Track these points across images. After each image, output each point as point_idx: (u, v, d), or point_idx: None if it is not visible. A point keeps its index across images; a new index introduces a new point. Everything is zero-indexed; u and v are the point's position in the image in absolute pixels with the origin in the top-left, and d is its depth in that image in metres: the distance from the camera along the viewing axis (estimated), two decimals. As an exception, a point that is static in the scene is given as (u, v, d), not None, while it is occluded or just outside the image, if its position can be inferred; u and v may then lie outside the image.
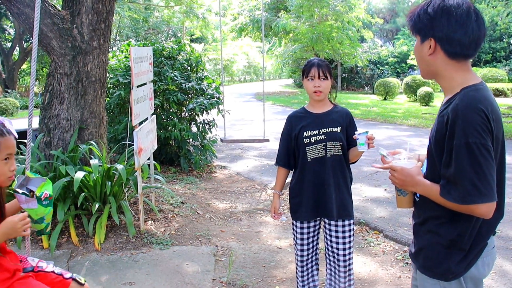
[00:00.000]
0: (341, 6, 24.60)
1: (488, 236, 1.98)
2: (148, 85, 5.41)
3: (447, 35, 1.89)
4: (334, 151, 3.21)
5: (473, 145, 1.78)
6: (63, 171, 4.70)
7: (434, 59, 1.96)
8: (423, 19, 1.94)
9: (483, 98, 1.85)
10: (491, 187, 1.80)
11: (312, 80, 3.21)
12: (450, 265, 1.97)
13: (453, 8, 1.87)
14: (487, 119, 1.79)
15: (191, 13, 27.57)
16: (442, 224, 1.99)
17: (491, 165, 1.80)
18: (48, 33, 5.15)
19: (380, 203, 6.36)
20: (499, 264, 4.47)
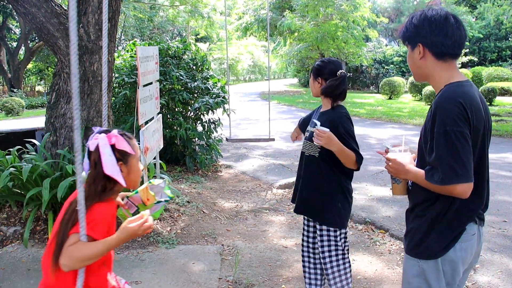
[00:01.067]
0: (346, 5, 24.55)
1: (467, 222, 2.16)
2: (154, 85, 5.42)
3: (431, 39, 2.15)
4: (311, 151, 3.27)
5: (451, 132, 2.00)
6: (70, 171, 4.71)
7: (425, 62, 2.21)
8: (410, 30, 2.22)
9: (462, 93, 2.07)
10: (467, 169, 2.00)
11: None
12: (429, 244, 2.18)
13: (432, 17, 2.15)
14: (465, 110, 2.01)
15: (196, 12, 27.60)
16: (426, 207, 2.21)
17: (467, 150, 2.01)
18: (54, 32, 5.17)
19: (386, 202, 6.36)
20: (505, 263, 4.46)
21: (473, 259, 2.29)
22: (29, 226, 4.66)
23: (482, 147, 2.14)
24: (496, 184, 7.29)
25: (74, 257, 1.98)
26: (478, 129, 2.08)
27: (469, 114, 2.02)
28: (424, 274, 2.23)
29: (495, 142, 11.38)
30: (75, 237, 1.99)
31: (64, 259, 1.97)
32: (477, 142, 2.09)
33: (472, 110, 2.03)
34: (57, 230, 2.07)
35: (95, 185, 2.10)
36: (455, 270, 2.18)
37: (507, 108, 18.40)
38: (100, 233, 2.04)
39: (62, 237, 2.02)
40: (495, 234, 5.21)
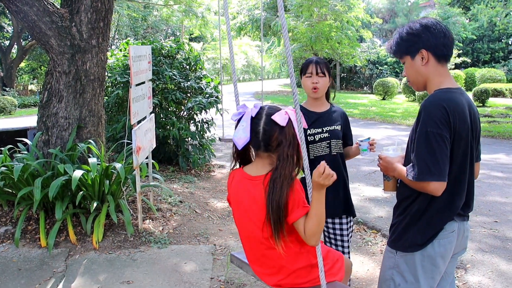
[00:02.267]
0: (341, 5, 24.56)
1: (446, 221, 2.27)
2: (147, 84, 5.41)
3: (433, 42, 2.27)
4: (337, 149, 3.26)
5: (430, 134, 2.13)
6: (62, 170, 4.69)
7: (427, 68, 2.31)
8: (408, 39, 2.33)
9: (447, 98, 2.19)
10: (441, 169, 2.13)
11: (310, 77, 3.24)
12: (408, 237, 2.31)
13: (426, 23, 2.30)
14: (447, 115, 2.13)
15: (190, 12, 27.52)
16: (409, 204, 2.34)
17: (444, 152, 2.14)
18: (46, 31, 5.14)
19: (378, 203, 6.37)
20: (496, 264, 4.48)
21: (457, 251, 2.43)
22: (20, 226, 4.64)
23: (465, 152, 2.24)
24: (488, 185, 7.33)
25: (318, 232, 2.15)
26: (461, 135, 2.19)
27: (451, 119, 2.14)
28: (398, 267, 2.37)
29: (487, 143, 11.44)
30: (302, 220, 2.16)
31: (313, 241, 2.15)
32: (460, 146, 2.21)
33: (455, 115, 2.16)
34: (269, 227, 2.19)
35: (292, 159, 2.19)
36: (434, 265, 2.30)
37: (500, 109, 18.49)
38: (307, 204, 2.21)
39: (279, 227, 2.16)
40: (486, 234, 5.23)
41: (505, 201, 6.48)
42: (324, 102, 3.36)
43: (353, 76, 35.39)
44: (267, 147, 2.23)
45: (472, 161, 2.31)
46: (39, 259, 4.44)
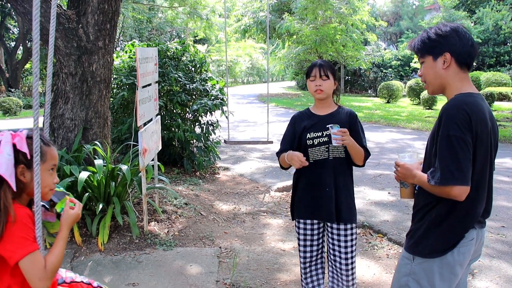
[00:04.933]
0: (345, 8, 24.55)
1: (468, 228, 2.24)
2: (153, 86, 5.40)
3: (459, 48, 2.24)
4: (337, 153, 3.20)
5: (452, 137, 2.10)
6: (67, 171, 4.68)
7: (447, 72, 2.28)
8: (434, 40, 2.29)
9: (469, 102, 2.16)
10: (464, 173, 2.09)
11: (313, 80, 3.22)
12: (427, 243, 2.27)
13: (457, 28, 2.28)
14: (469, 118, 2.10)
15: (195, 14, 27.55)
16: (429, 210, 2.30)
17: (467, 156, 2.10)
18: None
19: (384, 206, 6.34)
20: (504, 269, 4.45)
21: (473, 258, 2.39)
22: (26, 227, 4.64)
23: (486, 157, 2.22)
24: (494, 189, 7.22)
25: (53, 272, 1.98)
26: (482, 139, 2.16)
27: (473, 123, 2.11)
28: (414, 274, 2.32)
29: (493, 147, 11.39)
30: (32, 257, 1.91)
31: (42, 282, 1.93)
32: (481, 151, 2.18)
33: (476, 120, 2.12)
34: None
35: None
36: (452, 273, 2.27)
37: (505, 113, 18.42)
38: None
39: None
40: (493, 239, 5.20)
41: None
42: (330, 104, 3.33)
43: (357, 79, 35.37)
44: None
45: (491, 167, 2.28)
46: (45, 261, 4.43)
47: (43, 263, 1.94)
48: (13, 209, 1.93)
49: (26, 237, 1.92)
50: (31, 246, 1.91)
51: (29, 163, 1.99)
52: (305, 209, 3.31)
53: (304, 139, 3.22)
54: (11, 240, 1.90)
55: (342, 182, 3.24)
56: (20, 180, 2.00)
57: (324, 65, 3.22)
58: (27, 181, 2.02)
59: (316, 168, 3.22)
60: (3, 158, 1.93)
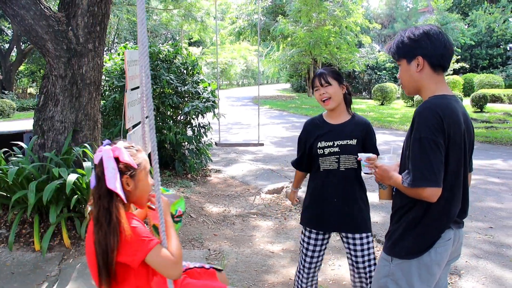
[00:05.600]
0: (339, 11, 24.66)
1: (444, 229, 2.27)
2: (143, 88, 5.41)
3: (431, 51, 2.27)
4: (349, 164, 3.16)
5: (424, 140, 2.13)
6: (56, 174, 4.69)
7: (421, 75, 2.31)
8: (407, 44, 2.32)
9: (442, 104, 2.19)
10: (435, 175, 2.12)
11: (317, 90, 3.19)
12: (404, 245, 2.30)
13: (429, 31, 2.29)
14: (441, 121, 2.13)
15: (189, 16, 27.62)
16: (406, 211, 2.33)
17: (438, 158, 2.13)
18: (43, 35, 5.15)
19: (373, 208, 6.34)
20: (490, 270, 4.48)
21: (451, 258, 2.44)
22: (14, 229, 4.63)
23: (459, 158, 2.23)
24: (484, 191, 7.33)
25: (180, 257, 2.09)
26: (455, 141, 2.18)
27: (445, 125, 2.14)
28: (393, 275, 2.34)
29: (485, 149, 11.46)
30: (156, 250, 2.02)
31: (174, 269, 2.05)
32: (454, 152, 2.20)
33: (449, 122, 2.15)
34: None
35: (101, 202, 2.03)
36: (430, 273, 2.28)
37: (498, 115, 18.51)
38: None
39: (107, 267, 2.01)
40: (481, 240, 5.23)
41: (501, 207, 6.49)
42: (343, 112, 3.25)
43: (351, 81, 35.46)
44: None
45: (466, 168, 2.30)
46: (33, 263, 4.43)
47: (168, 252, 2.04)
48: (126, 220, 2.03)
49: (143, 237, 2.02)
50: (151, 242, 2.02)
51: (131, 173, 2.11)
52: (311, 218, 3.30)
53: (315, 148, 3.19)
54: (130, 247, 2.00)
55: (352, 193, 3.21)
56: (126, 190, 2.11)
57: (323, 72, 3.18)
58: (131, 190, 2.13)
59: (326, 178, 3.21)
60: (109, 173, 2.02)
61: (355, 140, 3.16)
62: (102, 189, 2.03)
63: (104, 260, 1.99)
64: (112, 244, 1.97)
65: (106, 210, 2.01)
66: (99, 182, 2.04)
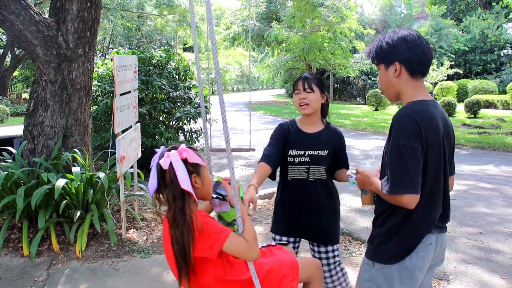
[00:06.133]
0: (334, 16, 24.71)
1: (424, 234, 2.26)
2: (132, 93, 5.41)
3: (408, 57, 2.25)
4: (318, 175, 3.14)
5: (402, 146, 2.12)
6: (45, 178, 4.68)
7: (399, 80, 2.30)
8: (385, 49, 2.31)
9: (419, 110, 2.18)
10: (413, 182, 2.11)
11: (298, 93, 3.13)
12: (386, 250, 2.30)
13: (407, 36, 2.27)
14: (419, 127, 2.12)
15: (184, 22, 27.64)
16: (386, 217, 2.33)
17: (416, 164, 2.12)
18: (33, 40, 5.16)
19: (363, 214, 6.38)
20: (478, 275, 4.48)
21: (434, 263, 2.43)
22: (3, 234, 4.61)
23: (439, 164, 2.23)
24: (475, 196, 7.35)
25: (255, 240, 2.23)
26: (433, 146, 2.18)
27: (423, 131, 2.13)
28: (375, 279, 2.35)
29: (477, 154, 11.50)
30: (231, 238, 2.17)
31: (252, 252, 2.21)
32: (433, 158, 2.19)
33: (427, 127, 2.14)
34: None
35: (176, 204, 2.15)
36: (412, 277, 2.29)
37: (491, 120, 18.58)
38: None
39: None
40: (470, 245, 5.24)
41: (491, 212, 6.50)
42: (317, 122, 3.21)
43: (346, 87, 35.57)
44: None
45: (446, 173, 2.29)
46: (21, 268, 4.41)
47: (241, 239, 2.20)
48: (199, 217, 2.16)
49: (217, 230, 2.17)
50: (225, 232, 2.17)
51: (198, 171, 2.25)
52: (280, 225, 3.28)
53: (286, 155, 3.15)
54: (206, 241, 2.16)
55: (321, 204, 3.19)
56: (195, 187, 2.22)
57: (309, 77, 3.11)
58: (199, 187, 2.26)
59: (294, 187, 3.17)
60: (181, 175, 2.14)
61: (327, 151, 3.14)
62: (176, 191, 2.15)
63: (182, 257, 2.14)
64: (188, 241, 2.12)
65: (180, 210, 2.14)
66: (172, 185, 2.14)
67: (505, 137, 13.88)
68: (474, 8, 36.11)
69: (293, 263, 2.57)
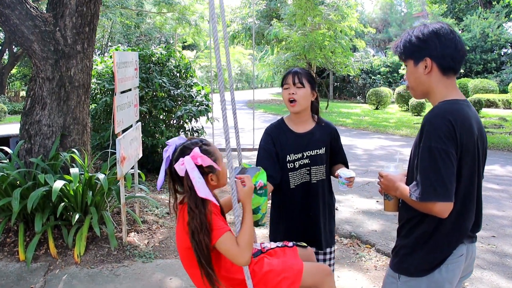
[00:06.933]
0: (334, 15, 24.53)
1: (456, 245, 2.08)
2: (133, 91, 5.22)
3: (441, 52, 2.06)
4: (319, 176, 2.94)
5: (435, 149, 1.94)
6: (42, 180, 4.48)
7: (429, 78, 2.10)
8: (414, 44, 2.12)
9: (454, 110, 1.99)
10: (447, 188, 1.93)
11: (287, 88, 2.90)
12: (413, 262, 2.12)
13: (439, 30, 2.08)
14: (453, 128, 1.94)
15: (183, 20, 27.46)
16: (414, 226, 2.14)
17: (450, 169, 1.93)
18: (29, 35, 4.96)
19: (372, 216, 6.19)
20: (495, 281, 4.30)
21: (464, 274, 2.24)
22: (-2, 238, 4.43)
23: (473, 168, 2.05)
24: (484, 198, 7.13)
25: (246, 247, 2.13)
26: (468, 150, 2.00)
27: (457, 133, 1.95)
28: None
29: (481, 154, 11.32)
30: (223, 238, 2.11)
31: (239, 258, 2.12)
32: (467, 162, 2.02)
33: (462, 130, 1.97)
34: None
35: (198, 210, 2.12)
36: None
37: (493, 120, 18.42)
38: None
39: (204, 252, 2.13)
40: (484, 250, 5.06)
41: (502, 215, 6.33)
42: (308, 119, 2.99)
43: (346, 86, 35.38)
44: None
45: (479, 178, 2.11)
46: (17, 274, 4.22)
47: (235, 242, 2.12)
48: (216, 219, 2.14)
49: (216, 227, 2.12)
50: (221, 230, 2.11)
51: (212, 169, 2.21)
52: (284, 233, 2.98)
53: (284, 162, 2.90)
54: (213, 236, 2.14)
55: (327, 205, 3.02)
56: (212, 185, 2.24)
57: (299, 72, 2.90)
58: (216, 183, 2.26)
59: (298, 193, 2.93)
60: (198, 183, 2.10)
61: (324, 148, 2.95)
62: (196, 198, 2.12)
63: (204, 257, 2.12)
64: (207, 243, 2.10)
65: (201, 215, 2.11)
66: (191, 193, 2.13)
67: (508, 136, 13.72)
68: (475, 7, 35.89)
69: (297, 267, 2.42)
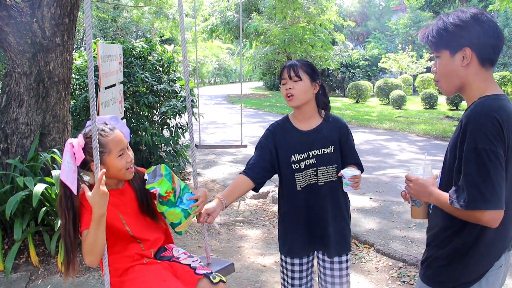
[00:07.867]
0: (314, 8, 24.39)
1: (499, 256, 1.89)
2: (118, 87, 4.91)
3: (482, 41, 1.83)
4: (328, 177, 2.65)
5: (482, 151, 1.71)
6: (21, 183, 4.15)
7: (467, 70, 1.88)
8: (451, 32, 1.86)
9: (499, 107, 1.78)
10: (498, 195, 1.70)
11: (284, 84, 2.64)
12: (451, 275, 1.91)
13: (480, 15, 1.84)
14: (501, 127, 1.72)
15: (161, 13, 27.03)
16: (450, 236, 1.91)
17: (500, 173, 1.71)
18: (3, 27, 4.60)
19: (367, 213, 5.99)
20: (510, 286, 4.13)
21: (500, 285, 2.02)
22: (-26, 247, 4.09)
23: None
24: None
25: (88, 252, 2.16)
26: None
27: (505, 133, 1.73)
28: None
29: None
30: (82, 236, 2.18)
31: (85, 258, 2.20)
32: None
33: (508, 128, 1.75)
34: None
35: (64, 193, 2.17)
36: None
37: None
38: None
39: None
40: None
41: None
42: (314, 115, 2.72)
43: (325, 79, 35.27)
44: None
45: None
46: (-5, 286, 3.91)
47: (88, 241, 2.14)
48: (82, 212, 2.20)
49: (82, 221, 2.20)
50: (82, 227, 2.19)
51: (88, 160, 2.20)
52: (298, 245, 2.76)
53: (288, 162, 2.65)
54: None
55: (338, 208, 2.71)
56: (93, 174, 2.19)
57: (295, 64, 2.63)
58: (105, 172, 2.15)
59: (305, 196, 2.67)
60: (63, 165, 2.11)
61: (332, 147, 2.67)
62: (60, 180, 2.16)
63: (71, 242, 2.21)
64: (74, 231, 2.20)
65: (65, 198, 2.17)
66: None
67: None
68: (452, 1, 36.13)
69: None
